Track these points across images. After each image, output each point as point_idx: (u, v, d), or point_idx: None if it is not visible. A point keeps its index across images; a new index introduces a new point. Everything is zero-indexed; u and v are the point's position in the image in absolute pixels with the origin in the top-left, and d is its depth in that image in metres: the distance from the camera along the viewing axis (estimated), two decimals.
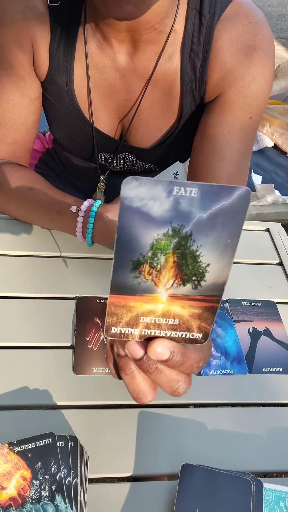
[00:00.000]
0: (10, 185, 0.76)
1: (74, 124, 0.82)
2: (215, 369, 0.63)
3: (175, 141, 0.81)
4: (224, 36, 0.69)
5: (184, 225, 0.31)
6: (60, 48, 0.74)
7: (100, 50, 0.73)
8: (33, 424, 0.55)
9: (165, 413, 0.58)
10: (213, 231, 0.31)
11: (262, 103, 0.72)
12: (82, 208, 0.70)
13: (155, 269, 0.33)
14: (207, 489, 0.48)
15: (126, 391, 0.59)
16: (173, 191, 0.30)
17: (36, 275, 0.73)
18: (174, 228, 0.31)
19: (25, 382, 0.59)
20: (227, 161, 0.72)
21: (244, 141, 0.73)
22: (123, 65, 0.74)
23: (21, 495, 0.46)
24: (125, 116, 0.81)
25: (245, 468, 0.54)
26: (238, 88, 0.70)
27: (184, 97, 0.75)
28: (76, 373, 0.60)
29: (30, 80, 0.76)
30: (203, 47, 0.70)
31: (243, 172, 0.75)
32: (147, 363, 0.38)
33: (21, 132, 0.80)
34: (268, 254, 0.84)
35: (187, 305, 0.35)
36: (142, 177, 0.29)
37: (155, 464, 0.54)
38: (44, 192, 0.75)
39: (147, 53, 0.72)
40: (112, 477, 0.53)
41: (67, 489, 0.46)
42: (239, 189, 0.30)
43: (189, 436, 0.57)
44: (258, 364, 0.65)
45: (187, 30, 0.70)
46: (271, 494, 0.48)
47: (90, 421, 0.56)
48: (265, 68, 0.70)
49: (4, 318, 0.66)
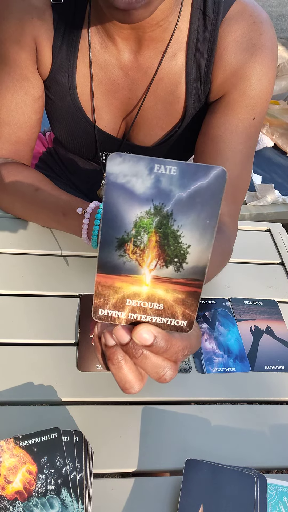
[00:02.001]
0: (15, 184, 0.77)
1: (76, 123, 0.82)
2: (217, 366, 0.64)
3: (178, 140, 0.81)
4: (229, 36, 0.69)
5: (165, 204, 0.32)
6: (63, 47, 0.74)
7: (104, 48, 0.73)
8: (39, 420, 0.55)
9: (169, 410, 0.59)
10: (193, 211, 0.32)
11: (265, 103, 0.72)
12: (88, 210, 0.70)
13: (138, 248, 0.34)
14: (211, 484, 0.48)
15: None
16: (154, 168, 0.31)
17: (40, 273, 0.73)
18: (156, 206, 0.32)
19: (30, 378, 0.59)
20: (230, 163, 0.72)
21: (247, 142, 0.73)
22: (127, 63, 0.74)
23: (27, 489, 0.46)
24: (128, 114, 0.81)
25: (248, 464, 0.55)
26: (242, 88, 0.70)
27: (189, 97, 0.75)
28: (80, 370, 0.61)
29: (34, 79, 0.77)
30: (208, 47, 0.70)
31: (246, 173, 0.76)
32: (133, 348, 0.38)
33: (25, 131, 0.80)
34: (270, 254, 0.85)
35: (170, 289, 0.36)
36: (126, 154, 0.31)
37: (159, 459, 0.54)
38: (50, 193, 0.75)
39: (151, 50, 0.72)
40: (116, 472, 0.54)
41: (72, 483, 0.47)
42: (215, 168, 0.31)
43: (193, 432, 0.57)
44: (260, 362, 0.66)
45: (192, 30, 0.70)
46: (274, 489, 0.49)
47: (94, 417, 0.57)
48: (269, 68, 0.70)
49: (9, 316, 0.66)
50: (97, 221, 0.69)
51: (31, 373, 0.60)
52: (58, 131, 0.86)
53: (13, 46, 0.74)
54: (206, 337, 0.67)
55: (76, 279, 0.73)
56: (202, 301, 0.72)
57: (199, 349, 0.65)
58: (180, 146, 0.82)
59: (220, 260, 0.71)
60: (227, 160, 0.72)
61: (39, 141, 1.12)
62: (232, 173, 0.73)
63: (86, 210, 0.70)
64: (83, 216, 0.71)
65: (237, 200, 0.76)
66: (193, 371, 0.63)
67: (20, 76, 0.75)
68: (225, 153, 0.72)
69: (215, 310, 0.71)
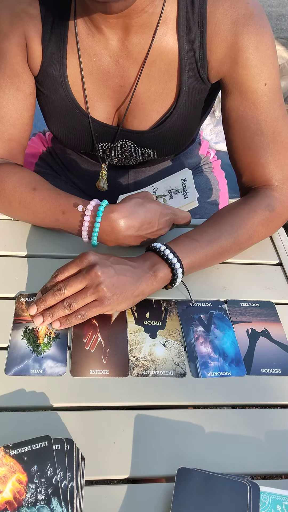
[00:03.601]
0: (12, 185, 0.76)
1: (70, 115, 0.82)
2: (213, 371, 0.63)
3: (174, 122, 0.81)
4: (218, 9, 0.70)
5: None
6: (52, 39, 0.74)
7: (91, 37, 0.74)
8: (29, 426, 0.55)
9: (163, 415, 0.58)
10: None
11: (271, 66, 0.73)
12: (89, 207, 0.70)
13: None
14: (203, 493, 0.47)
15: (124, 392, 0.59)
16: None
17: (35, 276, 0.73)
18: None
19: (21, 384, 0.59)
20: (258, 135, 0.76)
21: (270, 108, 0.75)
22: (116, 51, 0.74)
23: (17, 498, 0.46)
24: (122, 103, 0.81)
25: (243, 469, 0.54)
26: (243, 61, 0.71)
27: (183, 74, 0.75)
28: (73, 375, 0.60)
29: (25, 74, 0.77)
30: (199, 22, 0.71)
31: (283, 130, 0.77)
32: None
33: (17, 128, 0.80)
34: (268, 254, 0.84)
35: None
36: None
37: (153, 466, 0.54)
38: (49, 192, 0.75)
39: (139, 36, 0.72)
40: (109, 479, 0.53)
41: (63, 492, 0.46)
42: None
43: (187, 438, 0.56)
44: (257, 366, 0.65)
45: (180, 8, 0.71)
46: (268, 497, 0.48)
47: (89, 423, 0.56)
48: (263, 34, 0.71)
49: (3, 320, 0.66)
50: (98, 218, 0.69)
51: (23, 378, 0.60)
52: (53, 126, 0.86)
53: (2, 42, 0.74)
54: (201, 340, 0.66)
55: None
56: (198, 303, 0.71)
57: (194, 353, 0.64)
58: (176, 127, 0.82)
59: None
60: (254, 134, 0.75)
61: (39, 140, 1.12)
62: (267, 141, 0.76)
63: (87, 207, 0.70)
64: (83, 214, 0.71)
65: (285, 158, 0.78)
66: (188, 375, 0.62)
67: (12, 72, 0.76)
68: (251, 128, 0.76)
69: (210, 312, 0.70)
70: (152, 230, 0.72)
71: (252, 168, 0.79)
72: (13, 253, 0.76)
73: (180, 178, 0.87)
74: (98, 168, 0.98)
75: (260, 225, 0.76)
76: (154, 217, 0.72)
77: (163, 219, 0.73)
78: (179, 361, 0.64)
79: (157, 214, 0.72)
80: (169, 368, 0.62)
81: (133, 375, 0.61)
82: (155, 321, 0.68)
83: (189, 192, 0.84)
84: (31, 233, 0.80)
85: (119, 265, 0.65)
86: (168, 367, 0.63)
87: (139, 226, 0.70)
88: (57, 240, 0.79)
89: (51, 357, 0.62)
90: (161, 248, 0.68)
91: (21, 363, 0.61)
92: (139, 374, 0.61)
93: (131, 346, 0.64)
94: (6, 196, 0.77)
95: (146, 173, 0.99)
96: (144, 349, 0.64)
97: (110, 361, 0.62)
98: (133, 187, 1.00)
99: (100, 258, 0.64)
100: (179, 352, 0.65)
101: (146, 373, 0.62)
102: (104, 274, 0.62)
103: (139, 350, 0.64)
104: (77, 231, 0.73)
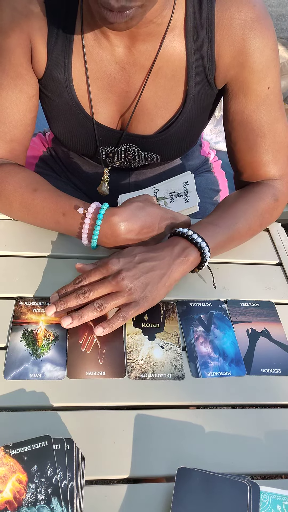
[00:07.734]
0: (13, 186, 0.76)
1: (74, 119, 0.81)
2: (213, 370, 0.63)
3: (179, 127, 0.81)
4: (225, 14, 0.70)
5: None
6: (58, 43, 0.74)
7: (98, 43, 0.74)
8: (29, 426, 0.55)
9: (163, 415, 0.58)
10: None
11: (274, 69, 0.74)
12: (89, 210, 0.70)
13: None
14: (203, 493, 0.47)
15: (124, 393, 0.59)
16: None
17: (35, 276, 0.73)
18: None
19: (20, 385, 0.59)
20: (260, 136, 0.78)
21: (271, 110, 0.77)
22: (122, 57, 0.74)
23: (17, 498, 0.46)
24: (127, 107, 0.81)
25: (243, 469, 0.54)
26: (249, 65, 0.72)
27: (190, 80, 0.75)
28: (69, 377, 0.60)
29: (28, 76, 0.77)
30: (207, 28, 0.71)
31: (282, 131, 0.80)
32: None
33: (19, 129, 0.80)
34: (268, 254, 0.84)
35: None
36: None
37: (153, 466, 0.54)
38: (49, 194, 0.75)
39: (147, 44, 0.72)
40: (109, 479, 0.53)
41: (63, 492, 0.46)
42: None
43: (187, 438, 0.56)
44: (257, 366, 0.65)
45: (188, 14, 0.71)
46: (268, 497, 0.48)
47: (88, 423, 0.56)
48: (269, 37, 0.72)
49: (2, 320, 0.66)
50: (99, 221, 0.69)
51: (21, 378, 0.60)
52: (57, 129, 0.85)
53: (7, 43, 0.74)
54: (201, 340, 0.66)
55: (64, 284, 0.71)
56: (198, 303, 0.71)
57: (194, 353, 0.64)
58: (181, 133, 0.83)
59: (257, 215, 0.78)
60: (257, 136, 0.78)
61: (39, 141, 1.12)
62: (268, 142, 0.78)
63: (88, 210, 0.70)
64: (84, 216, 0.71)
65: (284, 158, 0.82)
66: (188, 375, 0.62)
67: (15, 73, 0.76)
68: (254, 130, 0.78)
69: (210, 312, 0.70)
70: (152, 234, 0.72)
71: (254, 167, 0.81)
72: (13, 253, 0.76)
73: (182, 182, 0.87)
74: (99, 170, 0.97)
75: (267, 213, 0.79)
76: (155, 221, 0.71)
77: (163, 223, 0.73)
78: (178, 363, 0.63)
79: (158, 218, 0.72)
80: (167, 370, 0.62)
81: (131, 378, 0.61)
82: (153, 323, 0.68)
83: (190, 196, 0.84)
84: (31, 233, 0.80)
85: (144, 263, 0.65)
86: (166, 369, 0.62)
87: (139, 229, 0.70)
88: (57, 240, 0.79)
89: (50, 361, 0.61)
90: (188, 232, 0.69)
91: (20, 366, 0.60)
92: (137, 376, 0.61)
93: (129, 348, 0.64)
94: (7, 197, 0.77)
95: (147, 175, 0.99)
96: (142, 351, 0.64)
97: (107, 362, 0.62)
98: (134, 187, 1.00)
99: (124, 262, 0.65)
100: (178, 354, 0.64)
101: (144, 375, 0.61)
102: (131, 279, 0.63)
103: (137, 352, 0.64)
104: (77, 233, 0.73)
